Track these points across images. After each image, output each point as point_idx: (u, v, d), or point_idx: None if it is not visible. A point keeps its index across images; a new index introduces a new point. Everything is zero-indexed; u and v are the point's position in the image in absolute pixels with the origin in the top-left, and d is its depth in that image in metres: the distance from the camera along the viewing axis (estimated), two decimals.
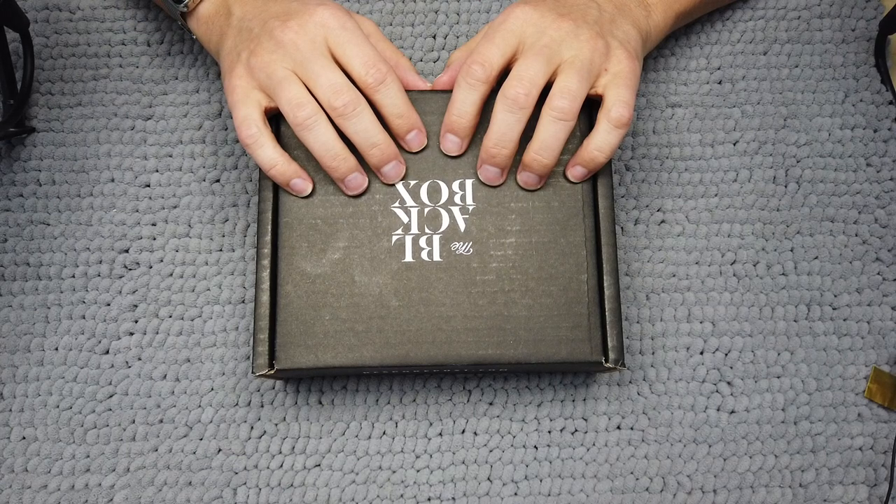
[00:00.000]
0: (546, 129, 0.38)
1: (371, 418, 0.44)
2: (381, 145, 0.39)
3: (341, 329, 0.39)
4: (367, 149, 0.39)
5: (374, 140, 0.38)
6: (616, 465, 0.44)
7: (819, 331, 0.46)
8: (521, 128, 0.38)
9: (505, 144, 0.38)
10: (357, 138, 0.38)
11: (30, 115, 0.49)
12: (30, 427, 0.44)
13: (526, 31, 0.39)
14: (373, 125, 0.38)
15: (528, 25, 0.39)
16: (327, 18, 0.38)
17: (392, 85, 0.39)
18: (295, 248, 0.39)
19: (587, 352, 0.38)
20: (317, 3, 0.39)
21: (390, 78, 0.38)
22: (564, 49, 0.38)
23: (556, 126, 0.38)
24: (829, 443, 0.44)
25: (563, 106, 0.38)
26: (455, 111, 0.39)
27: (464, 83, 0.39)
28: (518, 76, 0.38)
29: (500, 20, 0.39)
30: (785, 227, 0.48)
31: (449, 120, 0.39)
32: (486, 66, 0.38)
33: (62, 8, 0.51)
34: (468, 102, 0.39)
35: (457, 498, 0.43)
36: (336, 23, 0.38)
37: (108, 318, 0.45)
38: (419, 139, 0.40)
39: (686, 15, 0.47)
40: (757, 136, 0.49)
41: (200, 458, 0.43)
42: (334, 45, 0.38)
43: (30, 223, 0.47)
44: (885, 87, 0.50)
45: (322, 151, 0.38)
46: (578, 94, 0.38)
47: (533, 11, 0.39)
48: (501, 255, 0.39)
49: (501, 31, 0.39)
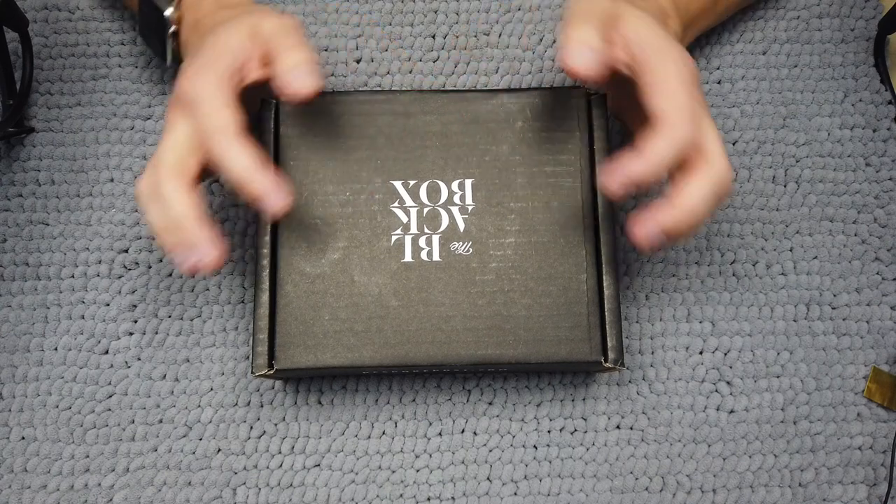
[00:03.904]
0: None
1: (371, 418, 0.44)
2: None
3: (341, 329, 0.39)
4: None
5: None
6: (615, 464, 0.44)
7: (818, 330, 0.46)
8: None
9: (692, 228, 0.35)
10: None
11: (29, 115, 0.49)
12: (29, 427, 0.44)
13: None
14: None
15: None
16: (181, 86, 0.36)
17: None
18: (294, 249, 0.39)
19: (587, 351, 0.38)
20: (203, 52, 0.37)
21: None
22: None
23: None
24: (829, 442, 0.44)
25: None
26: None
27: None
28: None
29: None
30: (784, 227, 0.48)
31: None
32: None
33: (61, 8, 0.51)
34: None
35: (457, 498, 0.43)
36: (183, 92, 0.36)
37: (107, 318, 0.45)
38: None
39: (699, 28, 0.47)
40: (756, 135, 0.49)
41: (200, 458, 0.43)
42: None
43: (29, 223, 0.47)
44: (885, 86, 0.50)
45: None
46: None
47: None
48: (501, 255, 0.39)
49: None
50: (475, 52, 0.50)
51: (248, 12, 0.39)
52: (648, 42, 0.36)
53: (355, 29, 0.50)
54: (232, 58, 0.36)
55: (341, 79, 0.50)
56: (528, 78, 0.50)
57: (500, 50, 0.50)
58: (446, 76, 0.50)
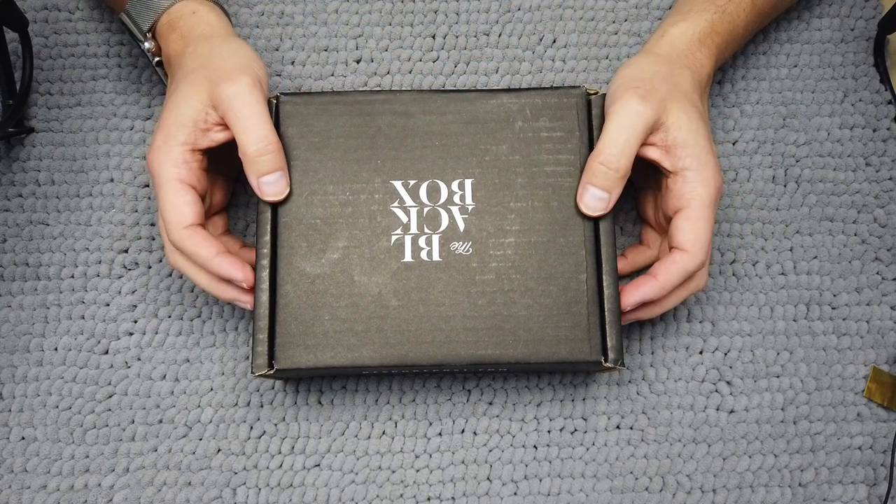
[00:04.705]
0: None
1: (371, 418, 0.44)
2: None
3: (341, 329, 0.39)
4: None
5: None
6: (615, 464, 0.44)
7: (818, 330, 0.46)
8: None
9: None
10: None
11: (29, 116, 0.49)
12: (29, 427, 0.44)
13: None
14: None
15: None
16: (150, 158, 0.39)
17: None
18: (294, 248, 0.39)
19: (586, 351, 0.38)
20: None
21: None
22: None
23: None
24: (829, 442, 0.44)
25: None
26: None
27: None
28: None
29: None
30: (784, 227, 0.48)
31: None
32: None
33: (61, 8, 0.51)
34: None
35: (456, 498, 0.43)
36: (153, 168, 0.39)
37: (107, 318, 0.45)
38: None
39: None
40: (756, 135, 0.49)
41: (200, 459, 0.43)
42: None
43: (29, 223, 0.47)
44: (884, 86, 0.50)
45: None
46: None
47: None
48: (501, 254, 0.39)
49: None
50: (475, 52, 0.50)
51: (203, 72, 0.39)
52: (691, 153, 0.39)
53: (355, 29, 0.50)
54: (189, 130, 0.39)
55: (341, 79, 0.50)
56: (528, 78, 0.50)
57: (500, 50, 0.50)
58: (446, 76, 0.50)
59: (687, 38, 0.43)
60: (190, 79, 0.39)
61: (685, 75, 0.41)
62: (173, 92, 0.40)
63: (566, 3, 0.51)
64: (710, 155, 0.40)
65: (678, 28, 0.44)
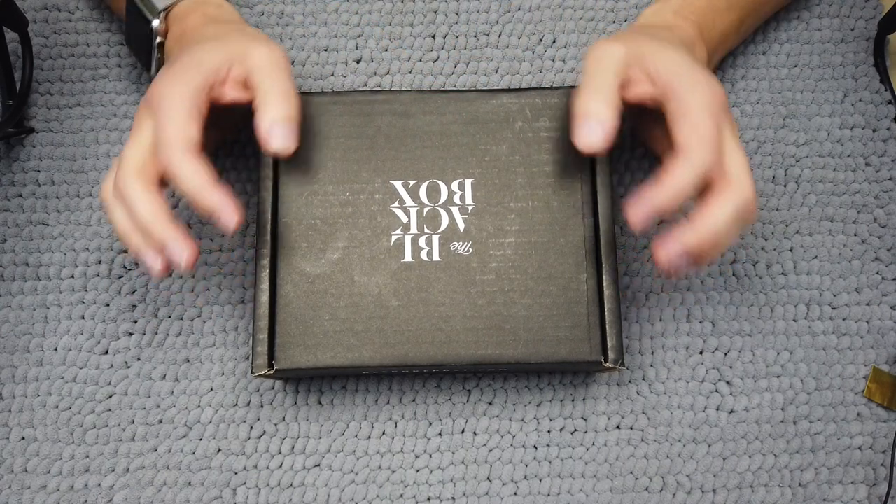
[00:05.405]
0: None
1: (370, 418, 0.44)
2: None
3: (341, 329, 0.39)
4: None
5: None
6: (615, 464, 0.44)
7: (818, 330, 0.46)
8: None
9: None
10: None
11: (29, 116, 0.49)
12: (29, 427, 0.44)
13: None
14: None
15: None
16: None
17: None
18: (294, 248, 0.39)
19: (586, 351, 0.38)
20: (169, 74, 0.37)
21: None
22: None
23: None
24: (829, 442, 0.44)
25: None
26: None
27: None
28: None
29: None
30: (784, 227, 0.48)
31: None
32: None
33: (61, 8, 0.51)
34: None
35: (456, 498, 0.43)
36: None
37: (107, 318, 0.45)
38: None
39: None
40: (756, 135, 0.49)
41: (200, 459, 0.43)
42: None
43: (29, 223, 0.47)
44: (884, 86, 0.50)
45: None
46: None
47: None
48: (501, 254, 0.39)
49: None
50: (475, 52, 0.50)
51: (238, 32, 0.39)
52: (675, 71, 0.36)
53: (355, 29, 0.50)
54: (207, 74, 0.36)
55: (341, 79, 0.50)
56: (528, 78, 0.50)
57: (500, 50, 0.50)
58: (446, 76, 0.50)
59: (662, 13, 0.43)
60: (216, 40, 0.37)
61: (663, 33, 0.40)
62: (185, 51, 0.38)
63: (566, 3, 0.51)
64: (702, 72, 0.36)
65: (651, 8, 0.44)
